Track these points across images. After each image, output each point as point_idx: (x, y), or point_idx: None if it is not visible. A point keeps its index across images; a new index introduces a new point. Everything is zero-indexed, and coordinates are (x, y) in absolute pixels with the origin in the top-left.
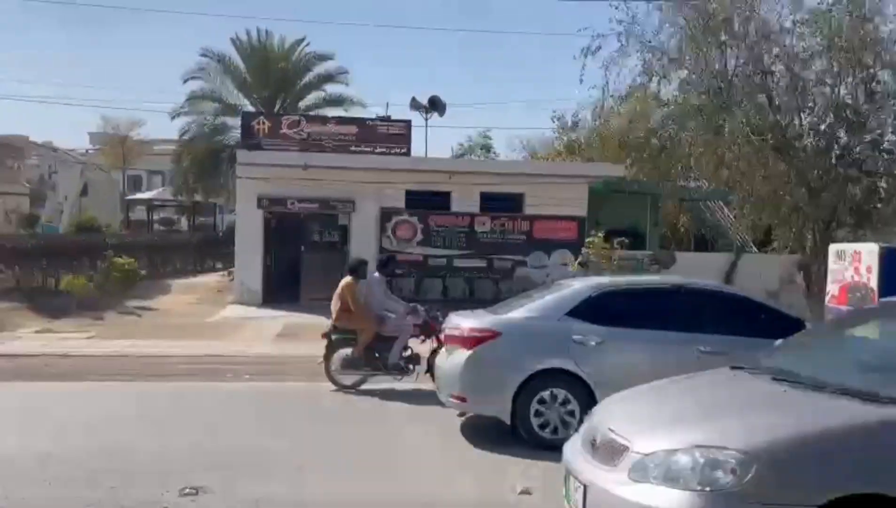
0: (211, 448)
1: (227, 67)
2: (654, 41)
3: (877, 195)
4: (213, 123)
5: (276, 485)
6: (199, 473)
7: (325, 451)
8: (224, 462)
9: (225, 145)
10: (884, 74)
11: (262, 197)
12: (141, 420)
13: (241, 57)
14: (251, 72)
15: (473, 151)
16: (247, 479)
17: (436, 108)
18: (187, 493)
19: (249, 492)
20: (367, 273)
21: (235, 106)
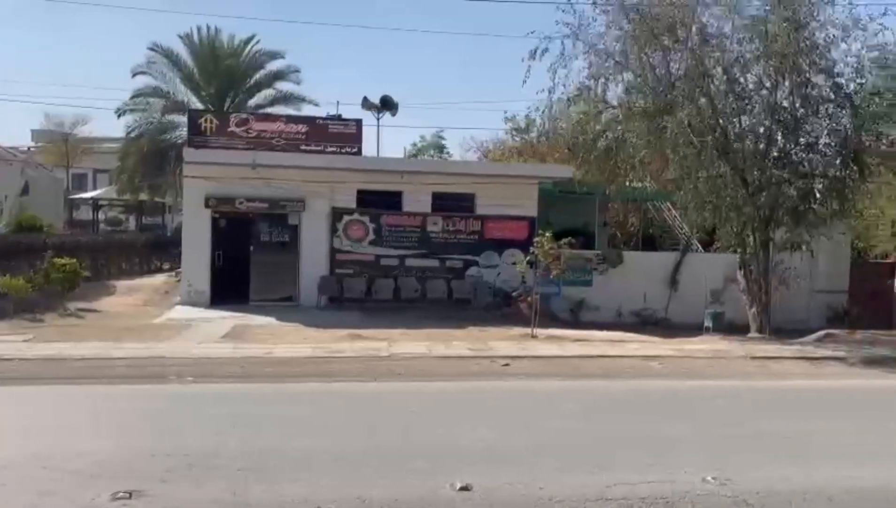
0: (149, 451)
1: (175, 64)
2: (600, 44)
3: (812, 197)
4: (160, 121)
5: (217, 490)
6: (133, 477)
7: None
8: (162, 465)
9: (172, 143)
10: (818, 79)
11: (209, 196)
12: (77, 424)
13: (189, 54)
14: (200, 69)
15: (426, 152)
16: (184, 483)
17: (388, 107)
18: (120, 497)
19: (186, 496)
20: None
21: (183, 103)
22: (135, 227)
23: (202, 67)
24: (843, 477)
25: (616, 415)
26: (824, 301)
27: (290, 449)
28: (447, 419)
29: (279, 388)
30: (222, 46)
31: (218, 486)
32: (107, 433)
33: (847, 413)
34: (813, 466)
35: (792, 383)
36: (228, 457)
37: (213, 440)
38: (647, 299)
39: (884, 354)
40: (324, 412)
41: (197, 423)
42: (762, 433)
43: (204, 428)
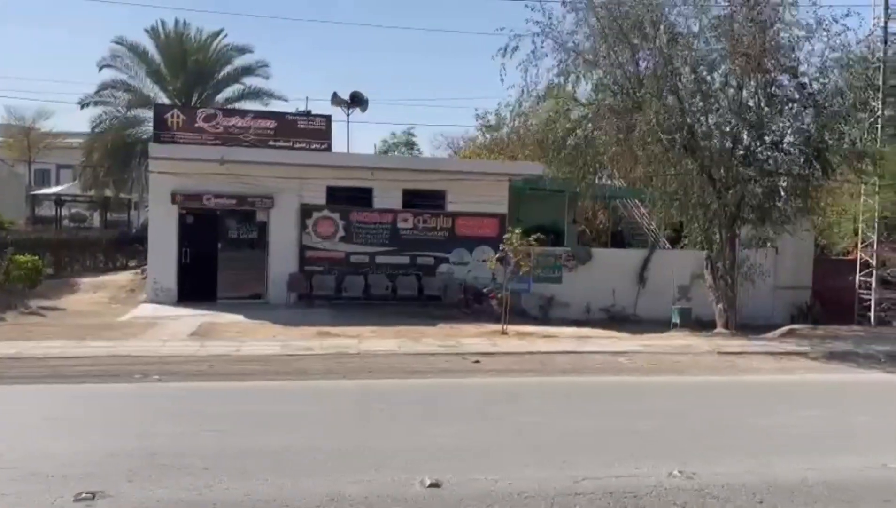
0: (114, 451)
1: (141, 57)
2: (569, 42)
3: (777, 194)
4: (125, 115)
5: (183, 489)
6: (97, 478)
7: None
8: (126, 465)
9: (138, 139)
10: (783, 79)
11: (176, 192)
12: (40, 424)
13: (156, 47)
14: (167, 63)
15: (397, 148)
16: (150, 483)
17: (358, 103)
18: (83, 498)
19: (151, 496)
20: None
21: (150, 98)
22: (99, 223)
23: (169, 60)
24: (806, 469)
25: (584, 411)
26: (788, 297)
27: (258, 448)
28: (417, 415)
29: (247, 386)
30: (189, 40)
31: (184, 486)
32: (70, 433)
33: (810, 407)
34: (777, 459)
35: (757, 377)
36: (195, 456)
37: (180, 440)
38: (616, 296)
39: (845, 349)
40: (292, 410)
41: (163, 422)
42: (728, 427)
43: (170, 428)
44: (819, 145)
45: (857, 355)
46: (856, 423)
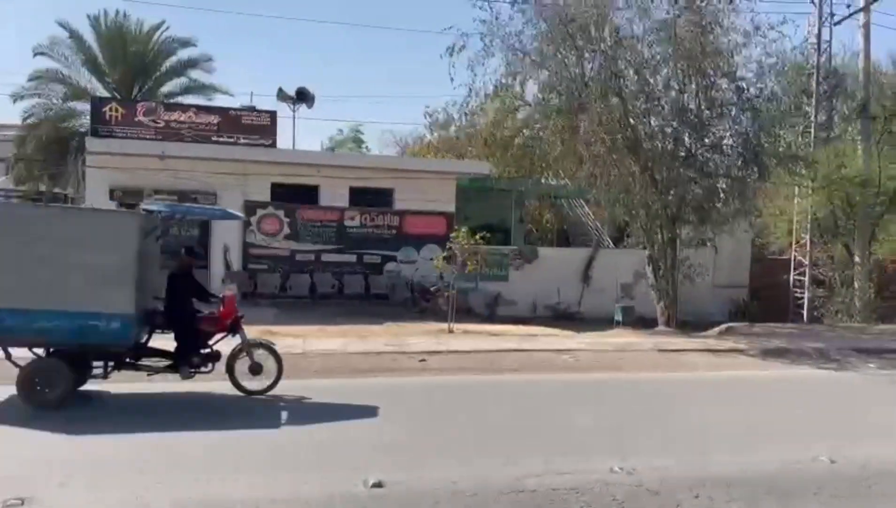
0: (47, 457)
1: (80, 47)
2: (516, 42)
3: (716, 195)
4: (61, 107)
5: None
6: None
7: (174, 457)
8: (60, 470)
9: (74, 132)
10: (722, 83)
11: (114, 188)
12: None
13: (95, 37)
14: (106, 54)
15: (344, 146)
16: (83, 488)
17: (304, 99)
18: (11, 504)
19: (84, 502)
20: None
21: (87, 90)
22: None
23: (108, 52)
24: (741, 463)
25: (528, 408)
26: (727, 295)
27: (194, 451)
28: (361, 415)
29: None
30: (130, 32)
31: (119, 490)
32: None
33: (746, 402)
34: (713, 453)
35: (696, 374)
36: (131, 460)
37: (116, 444)
38: (561, 294)
39: (780, 346)
40: (231, 411)
41: (99, 427)
42: (666, 422)
43: (105, 432)
44: (756, 148)
45: (790, 351)
46: (789, 417)
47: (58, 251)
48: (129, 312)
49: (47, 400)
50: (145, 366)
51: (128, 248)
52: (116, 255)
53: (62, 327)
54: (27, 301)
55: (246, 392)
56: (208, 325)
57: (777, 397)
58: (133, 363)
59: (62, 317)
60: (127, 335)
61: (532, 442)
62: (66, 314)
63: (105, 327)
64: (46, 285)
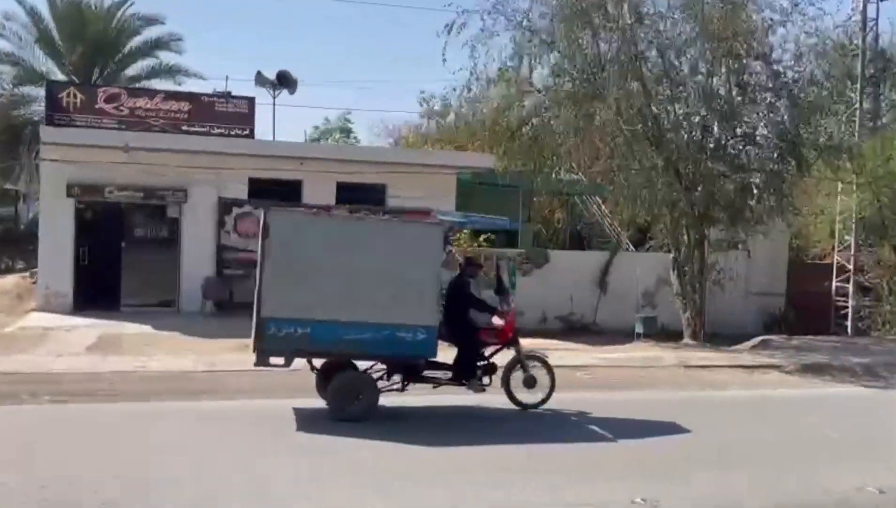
0: None
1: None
2: (524, 21)
3: (749, 192)
4: (12, 93)
5: None
6: None
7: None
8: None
9: (28, 120)
10: (756, 66)
11: (73, 184)
12: None
13: (52, 15)
14: (63, 33)
15: (330, 136)
16: None
17: (285, 84)
18: None
19: None
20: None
21: (43, 74)
22: None
23: (65, 30)
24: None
25: (536, 432)
26: (761, 304)
27: (162, 478)
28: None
29: (154, 408)
30: (90, 7)
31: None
32: None
33: (783, 424)
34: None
35: (726, 393)
36: (91, 488)
37: (74, 469)
38: (575, 303)
39: (821, 361)
40: (205, 435)
41: (55, 449)
42: (693, 447)
43: (63, 455)
44: (794, 139)
45: (832, 367)
46: (831, 441)
47: (367, 262)
48: (433, 324)
49: (353, 412)
50: (431, 378)
51: (433, 259)
52: (422, 266)
53: (372, 339)
54: (338, 313)
55: (521, 406)
56: (488, 337)
57: (817, 419)
58: (422, 375)
59: (372, 329)
60: (431, 348)
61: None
62: (375, 326)
63: (412, 339)
64: (357, 296)
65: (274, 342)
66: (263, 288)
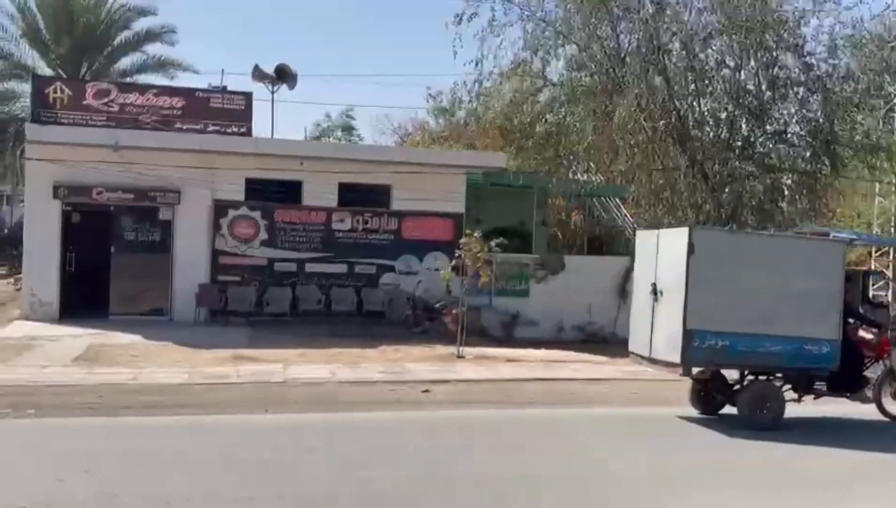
0: None
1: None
2: (538, 11)
3: (780, 193)
4: None
5: None
6: None
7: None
8: None
9: (13, 117)
10: (787, 59)
11: (59, 184)
12: None
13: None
14: (49, 25)
15: (332, 134)
16: None
17: (284, 79)
18: None
19: None
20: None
21: (29, 68)
22: None
23: (52, 22)
24: None
25: (552, 450)
26: None
27: (153, 496)
28: (351, 458)
29: (145, 422)
30: None
31: None
32: None
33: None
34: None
35: None
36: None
37: (60, 486)
38: (593, 312)
39: None
40: (198, 450)
41: (40, 465)
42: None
43: (48, 471)
44: (828, 137)
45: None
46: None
47: (779, 277)
48: (836, 338)
49: (763, 421)
50: (817, 389)
51: (836, 275)
52: (827, 282)
53: (782, 351)
54: (756, 326)
55: (891, 418)
56: (867, 349)
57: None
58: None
59: (783, 342)
60: (832, 360)
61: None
62: (786, 339)
63: (816, 352)
64: (771, 310)
65: (698, 353)
66: (690, 302)
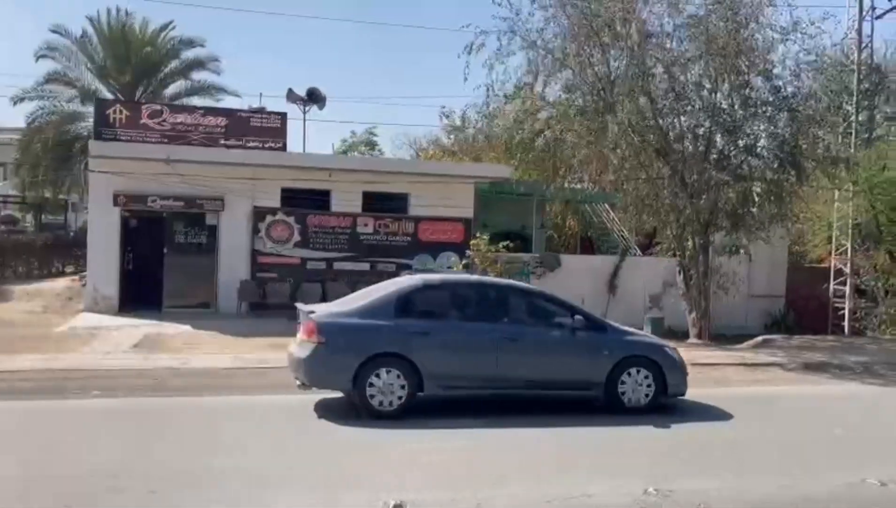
0: (49, 474)
1: (83, 48)
2: (538, 40)
3: (751, 200)
4: (64, 111)
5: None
6: (31, 503)
7: (183, 475)
8: (63, 489)
9: (78, 136)
10: (757, 81)
11: (118, 193)
12: None
13: (99, 39)
14: (110, 56)
15: (356, 148)
16: None
17: (315, 100)
18: None
19: None
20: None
21: (92, 92)
22: (33, 226)
23: (112, 53)
24: (782, 486)
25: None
26: (762, 306)
27: (205, 469)
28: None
29: (195, 402)
30: (134, 31)
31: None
32: (1, 454)
33: (785, 420)
34: (751, 474)
35: (731, 390)
36: (138, 479)
37: (121, 461)
38: (586, 305)
39: (821, 359)
40: (242, 428)
41: (102, 442)
42: (700, 441)
43: (111, 448)
44: (793, 150)
45: (832, 365)
46: (833, 436)
47: None
48: None
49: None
50: None
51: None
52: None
53: None
54: None
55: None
56: None
57: (819, 414)
58: None
59: None
60: None
61: (553, 463)
62: None
63: None
64: None
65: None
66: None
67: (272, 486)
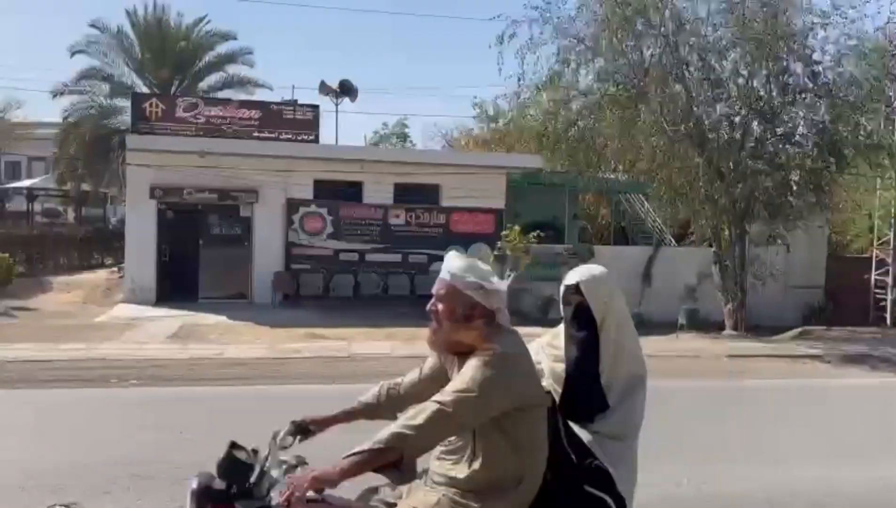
0: (89, 461)
1: (120, 43)
2: (570, 29)
3: (789, 189)
4: (102, 105)
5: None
6: (70, 489)
7: None
8: (102, 476)
9: (115, 130)
10: (796, 67)
11: (155, 186)
12: (9, 431)
13: (135, 34)
14: (146, 50)
15: (388, 140)
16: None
17: (347, 92)
18: None
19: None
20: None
21: (128, 86)
22: (73, 219)
23: (148, 47)
24: (820, 480)
25: None
26: (801, 297)
27: None
28: None
29: (231, 391)
30: (170, 26)
31: (163, 498)
32: (42, 441)
33: (824, 414)
34: (789, 468)
35: (769, 382)
36: (176, 466)
37: (160, 448)
38: None
39: (861, 351)
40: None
41: (141, 430)
42: (737, 434)
43: (149, 435)
44: (833, 137)
45: (872, 357)
46: (873, 430)
47: None
48: None
49: None
50: None
51: None
52: None
53: None
54: None
55: None
56: None
57: (858, 407)
58: None
59: None
60: None
61: None
62: None
63: None
64: None
65: None
66: None
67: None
